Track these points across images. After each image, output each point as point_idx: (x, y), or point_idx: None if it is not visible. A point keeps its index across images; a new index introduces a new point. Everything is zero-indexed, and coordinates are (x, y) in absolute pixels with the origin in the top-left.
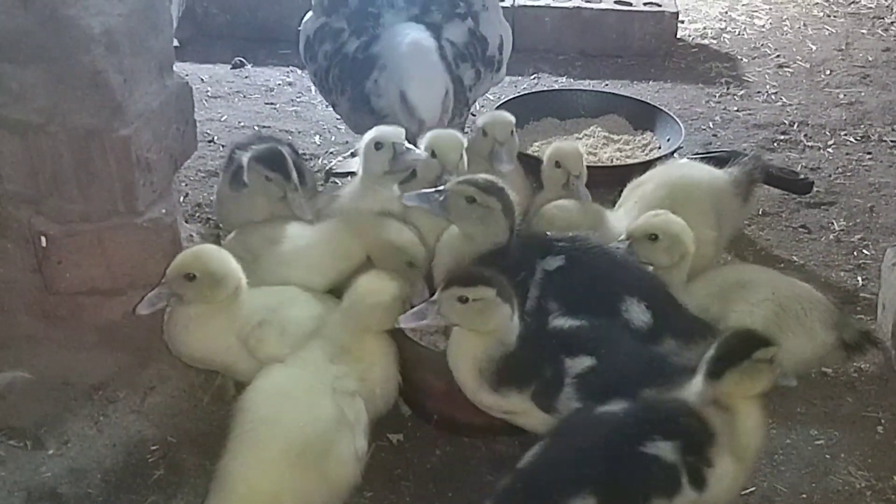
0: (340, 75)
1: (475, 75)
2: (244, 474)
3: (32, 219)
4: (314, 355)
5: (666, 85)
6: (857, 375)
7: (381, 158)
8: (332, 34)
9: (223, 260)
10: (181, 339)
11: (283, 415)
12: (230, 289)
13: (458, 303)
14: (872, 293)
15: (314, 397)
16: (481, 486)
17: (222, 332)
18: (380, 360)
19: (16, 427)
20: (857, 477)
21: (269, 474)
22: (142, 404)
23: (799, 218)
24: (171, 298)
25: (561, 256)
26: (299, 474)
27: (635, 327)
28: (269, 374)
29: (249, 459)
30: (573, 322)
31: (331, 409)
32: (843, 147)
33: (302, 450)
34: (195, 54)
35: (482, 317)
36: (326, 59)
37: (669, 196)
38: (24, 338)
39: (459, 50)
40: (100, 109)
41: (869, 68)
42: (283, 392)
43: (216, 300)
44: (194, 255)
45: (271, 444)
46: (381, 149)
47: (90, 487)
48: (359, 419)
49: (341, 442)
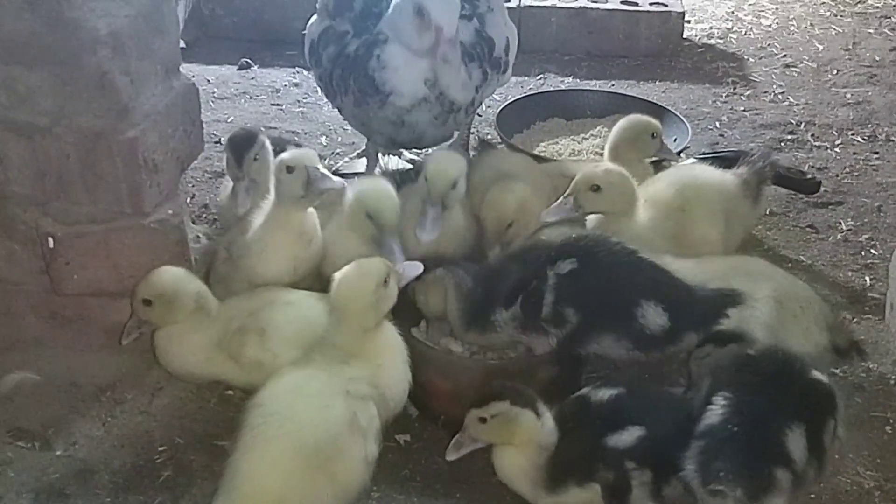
0: (343, 74)
1: (482, 76)
2: (251, 473)
3: (39, 220)
4: (327, 357)
5: (672, 85)
6: (865, 376)
7: (295, 182)
8: (337, 37)
9: (173, 281)
10: (165, 359)
11: (295, 415)
12: (188, 306)
13: (481, 423)
14: (881, 293)
15: (327, 399)
16: (488, 487)
17: (199, 346)
18: (389, 360)
19: (24, 428)
20: (865, 477)
21: (277, 474)
22: (149, 405)
23: (806, 218)
24: (143, 325)
25: (572, 259)
26: (307, 476)
27: (650, 332)
28: (284, 375)
29: (257, 458)
30: (611, 392)
31: (343, 412)
32: (850, 147)
33: (312, 452)
34: (201, 56)
35: (508, 429)
36: (330, 61)
37: (680, 196)
38: (31, 339)
39: (466, 50)
40: (106, 111)
41: (876, 68)
42: (296, 391)
43: (180, 319)
44: (145, 280)
45: (280, 445)
46: (293, 172)
47: (98, 488)
48: (371, 424)
49: (352, 446)
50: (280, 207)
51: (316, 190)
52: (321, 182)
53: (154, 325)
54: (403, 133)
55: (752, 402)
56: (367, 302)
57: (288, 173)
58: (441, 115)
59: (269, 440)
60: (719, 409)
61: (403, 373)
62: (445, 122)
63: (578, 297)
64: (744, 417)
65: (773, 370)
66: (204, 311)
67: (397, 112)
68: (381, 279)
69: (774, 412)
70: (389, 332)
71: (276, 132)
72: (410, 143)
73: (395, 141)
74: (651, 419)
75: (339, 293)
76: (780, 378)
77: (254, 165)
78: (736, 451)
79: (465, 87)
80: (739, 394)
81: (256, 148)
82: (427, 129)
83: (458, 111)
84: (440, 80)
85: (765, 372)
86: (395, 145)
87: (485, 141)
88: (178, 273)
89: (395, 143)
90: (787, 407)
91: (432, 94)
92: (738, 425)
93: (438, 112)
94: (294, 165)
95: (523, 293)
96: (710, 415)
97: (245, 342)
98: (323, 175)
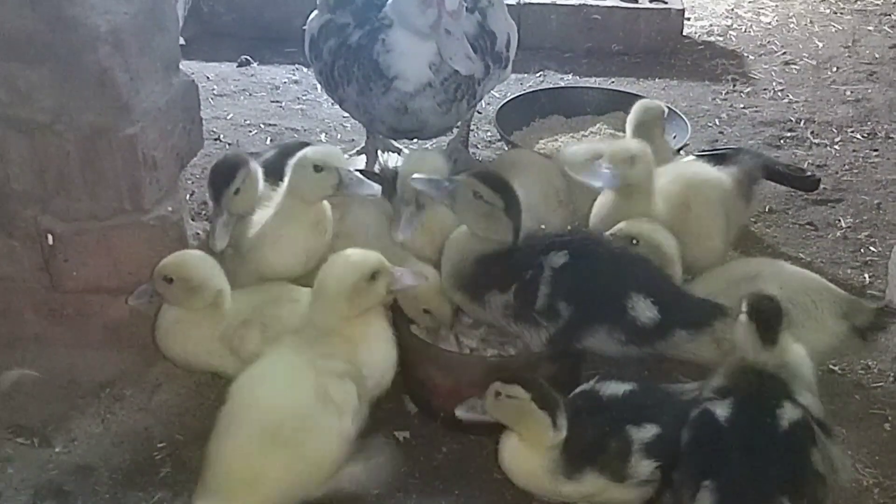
0: (346, 64)
1: (484, 69)
2: (221, 460)
3: (39, 217)
4: (301, 336)
5: (672, 82)
6: (863, 373)
7: (322, 183)
8: (338, 29)
9: (202, 268)
10: (165, 343)
11: (258, 396)
12: (208, 297)
13: (496, 398)
14: (880, 290)
15: (291, 377)
16: (488, 483)
17: (203, 339)
18: (368, 339)
19: (23, 425)
20: (864, 474)
21: (245, 458)
22: (149, 402)
23: (805, 215)
24: (154, 296)
25: (564, 252)
26: (275, 453)
27: (641, 324)
28: (256, 361)
29: (225, 445)
30: (625, 388)
31: (308, 388)
32: (849, 144)
33: (276, 429)
34: (201, 53)
35: (517, 418)
36: (331, 54)
37: (683, 191)
38: (31, 336)
39: (470, 41)
40: (106, 108)
41: (876, 65)
42: (260, 374)
43: (194, 307)
44: (174, 259)
45: (245, 427)
46: (322, 172)
47: (97, 485)
48: (346, 400)
49: (322, 422)
50: (293, 199)
51: (349, 193)
52: (357, 187)
53: (163, 301)
54: (406, 121)
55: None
56: (344, 291)
57: (315, 172)
58: (445, 102)
59: (234, 423)
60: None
61: (386, 352)
62: (448, 111)
63: (571, 291)
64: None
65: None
66: (217, 308)
67: (401, 98)
68: (367, 274)
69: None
70: (372, 316)
71: (275, 129)
72: (412, 132)
73: (398, 130)
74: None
75: (322, 274)
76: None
77: (234, 199)
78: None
79: (469, 58)
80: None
81: (238, 182)
82: (430, 116)
83: (462, 100)
84: (444, 52)
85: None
86: (397, 134)
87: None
88: (210, 263)
89: (397, 132)
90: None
91: (437, 79)
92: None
93: (442, 99)
94: (323, 166)
95: (518, 282)
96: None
97: (246, 337)
98: (359, 180)
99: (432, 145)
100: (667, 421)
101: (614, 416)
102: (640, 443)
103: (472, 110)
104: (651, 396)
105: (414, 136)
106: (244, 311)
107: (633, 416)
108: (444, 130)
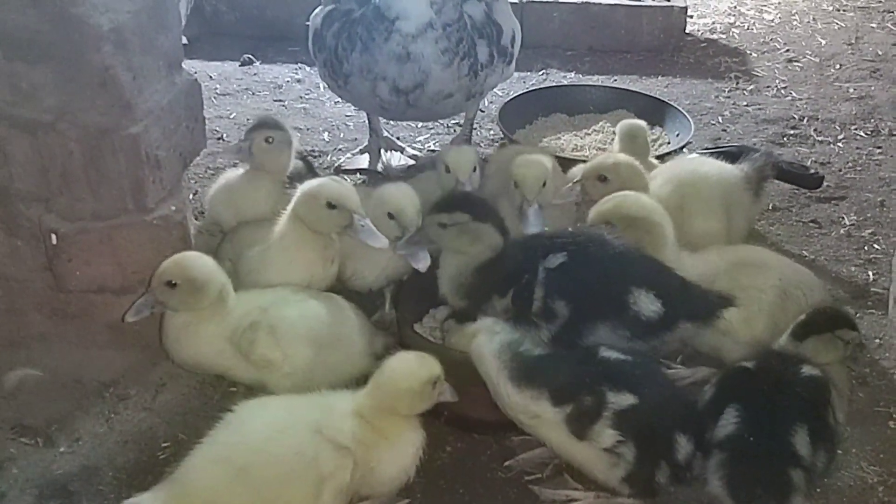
0: (349, 35)
1: (489, 56)
2: (188, 469)
3: (43, 217)
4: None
5: (675, 80)
6: (868, 370)
7: (331, 221)
8: (341, 15)
9: (204, 266)
10: (174, 347)
11: (248, 430)
12: (213, 295)
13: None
14: (883, 288)
15: (283, 428)
16: (491, 482)
17: (213, 337)
18: (397, 440)
19: (27, 425)
20: (868, 472)
21: (213, 479)
22: (153, 401)
23: (809, 213)
24: (156, 306)
25: (562, 253)
26: (240, 492)
27: (645, 318)
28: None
29: (196, 459)
30: (619, 356)
31: (297, 447)
32: (853, 141)
33: (248, 467)
34: (204, 52)
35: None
36: (335, 37)
37: (677, 191)
38: (35, 336)
39: (477, 26)
40: (109, 107)
41: (879, 62)
42: (260, 411)
43: (200, 307)
44: (174, 261)
45: (217, 451)
46: (335, 210)
47: (102, 484)
48: (335, 475)
49: (297, 483)
50: (300, 225)
51: (354, 238)
52: (366, 236)
53: (166, 309)
54: (408, 72)
55: (761, 413)
56: (412, 388)
57: (328, 209)
58: (447, 51)
59: (217, 446)
60: (732, 421)
61: (404, 458)
62: (450, 65)
63: (568, 290)
64: (757, 427)
65: (773, 379)
66: (223, 303)
67: (403, 42)
68: (433, 379)
69: (782, 419)
70: (413, 421)
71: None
72: (415, 92)
73: (400, 88)
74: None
75: (391, 369)
76: (780, 386)
77: (262, 146)
78: (757, 463)
79: None
80: (748, 406)
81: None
82: (432, 66)
83: (464, 59)
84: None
85: (767, 382)
86: (399, 94)
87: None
88: (209, 261)
89: (400, 91)
90: (792, 410)
91: (438, 22)
92: (753, 436)
93: (445, 47)
94: (337, 205)
95: (515, 287)
96: (725, 425)
97: (256, 340)
98: (370, 230)
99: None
100: (648, 396)
101: (599, 372)
102: (614, 409)
103: (476, 107)
104: (642, 369)
105: (416, 111)
106: (252, 312)
107: (617, 381)
108: (446, 106)
